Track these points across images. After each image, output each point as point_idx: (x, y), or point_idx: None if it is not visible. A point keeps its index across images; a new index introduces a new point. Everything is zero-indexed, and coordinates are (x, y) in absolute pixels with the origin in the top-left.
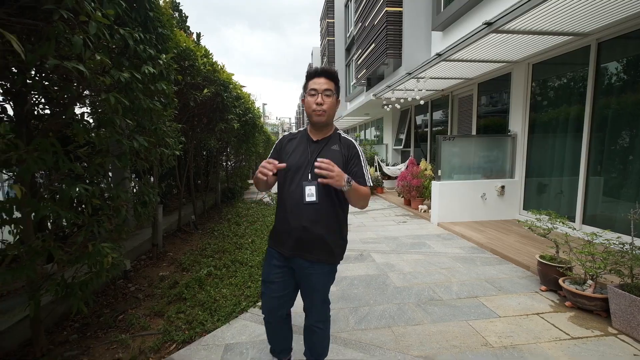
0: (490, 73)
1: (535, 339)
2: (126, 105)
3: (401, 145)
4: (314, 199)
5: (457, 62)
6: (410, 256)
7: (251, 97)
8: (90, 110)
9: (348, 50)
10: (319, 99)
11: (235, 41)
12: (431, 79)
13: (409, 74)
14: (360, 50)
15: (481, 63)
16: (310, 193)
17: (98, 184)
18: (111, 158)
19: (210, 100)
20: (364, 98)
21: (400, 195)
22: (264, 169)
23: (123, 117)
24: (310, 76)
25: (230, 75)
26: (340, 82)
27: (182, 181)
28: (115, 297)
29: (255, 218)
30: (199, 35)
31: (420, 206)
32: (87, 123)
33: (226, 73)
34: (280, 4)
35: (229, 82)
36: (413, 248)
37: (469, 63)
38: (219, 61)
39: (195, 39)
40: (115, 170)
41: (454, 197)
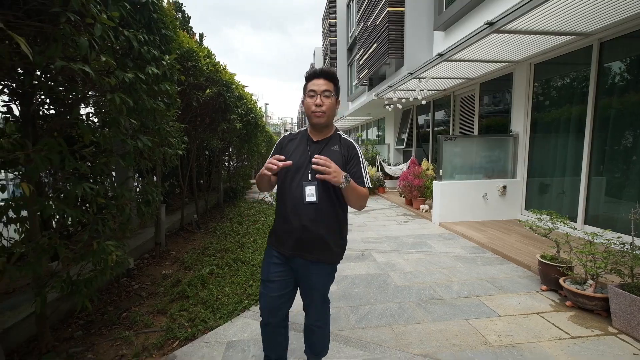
0: (492, 73)
1: (535, 338)
2: (130, 106)
3: (403, 145)
4: (314, 199)
5: (459, 62)
6: (411, 256)
7: (253, 97)
8: (94, 111)
9: (350, 50)
10: (318, 100)
11: (238, 41)
12: (433, 79)
13: (411, 74)
14: (362, 50)
15: (483, 63)
16: (311, 193)
17: (102, 183)
18: (115, 157)
19: (213, 101)
20: (366, 98)
21: (402, 195)
22: (270, 164)
23: (127, 117)
24: (309, 77)
25: (233, 75)
26: (340, 82)
27: (185, 181)
28: (118, 295)
29: (257, 217)
30: (202, 36)
31: (421, 206)
32: (93, 123)
33: (228, 73)
34: (282, 4)
35: (231, 83)
36: (414, 248)
37: (471, 63)
38: (221, 61)
39: (198, 39)
40: (118, 170)
41: (455, 197)
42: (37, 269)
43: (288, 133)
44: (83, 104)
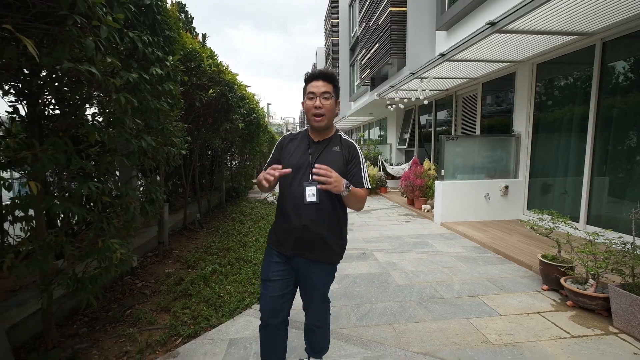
0: (495, 73)
1: (536, 337)
2: (135, 106)
3: (405, 145)
4: (314, 199)
5: (461, 62)
6: (413, 255)
7: (255, 97)
8: (98, 111)
9: (352, 50)
10: (318, 102)
11: (240, 41)
12: (435, 78)
13: (413, 74)
14: (364, 50)
15: (485, 63)
16: (311, 193)
17: (106, 182)
18: (120, 157)
19: (216, 101)
20: (368, 98)
21: (404, 195)
22: (269, 175)
23: (132, 117)
24: (308, 80)
25: (235, 75)
26: (342, 82)
27: (188, 180)
28: (122, 293)
29: (259, 217)
30: (205, 37)
31: (423, 206)
32: (98, 123)
33: (231, 74)
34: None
35: (234, 83)
36: (415, 247)
37: (473, 63)
38: (223, 62)
39: (200, 40)
40: (122, 169)
41: (457, 197)
42: (44, 266)
43: (289, 133)
44: (87, 104)
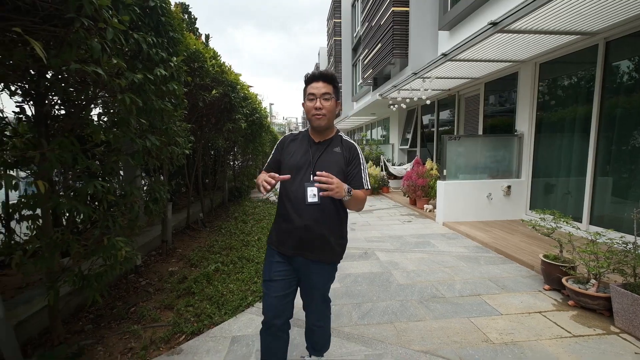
0: (497, 72)
1: (537, 336)
2: (140, 106)
3: (407, 145)
4: (315, 200)
5: (463, 62)
6: (414, 255)
7: (258, 97)
8: (103, 111)
9: (355, 50)
10: (318, 104)
11: (243, 42)
12: (437, 78)
13: (415, 73)
14: (366, 50)
15: (487, 63)
16: (313, 194)
17: (111, 181)
18: (125, 156)
19: (219, 101)
20: (370, 98)
21: (406, 195)
22: (266, 183)
23: (137, 117)
24: (308, 81)
25: (238, 75)
26: (344, 82)
27: (191, 180)
28: (127, 291)
29: (262, 216)
30: (208, 37)
31: (425, 206)
32: (104, 123)
33: (234, 74)
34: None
35: (237, 83)
36: (417, 247)
37: (475, 63)
38: (226, 62)
39: (204, 40)
40: (126, 168)
41: (459, 197)
42: (51, 263)
43: (289, 133)
44: (92, 105)
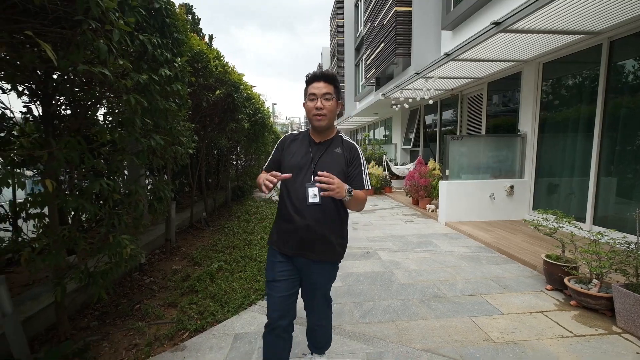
0: (500, 72)
1: (538, 335)
2: (145, 106)
3: (410, 145)
4: (317, 200)
5: (466, 62)
6: (416, 254)
7: (261, 97)
8: (108, 111)
9: (357, 49)
10: (319, 104)
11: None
12: (440, 78)
13: (418, 73)
14: (369, 49)
15: (490, 62)
16: (314, 194)
17: (117, 180)
18: (130, 156)
19: (222, 101)
20: (373, 98)
21: (408, 195)
22: (268, 182)
23: (142, 117)
24: (309, 81)
25: (241, 76)
26: (347, 82)
27: (194, 179)
28: (131, 289)
29: (264, 215)
30: (211, 38)
31: (427, 206)
32: (109, 123)
33: (237, 74)
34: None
35: (240, 83)
36: (419, 247)
37: (478, 62)
38: (230, 62)
39: (207, 41)
40: (131, 168)
41: (461, 197)
42: (59, 259)
43: (289, 133)
44: (98, 105)
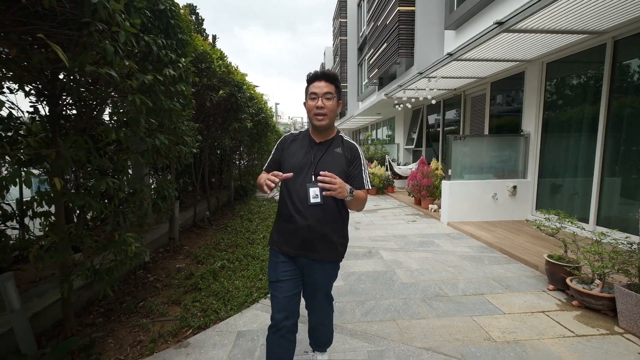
0: (503, 72)
1: (539, 335)
2: (149, 106)
3: (413, 145)
4: (318, 200)
5: (469, 62)
6: (418, 254)
7: (264, 97)
8: (112, 111)
9: (360, 49)
10: (320, 103)
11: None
12: (443, 78)
13: (420, 73)
14: (372, 49)
15: (493, 62)
16: (315, 194)
17: (121, 179)
18: (135, 155)
19: (225, 101)
20: (376, 97)
21: (411, 195)
22: (270, 182)
23: (146, 117)
24: (310, 80)
25: (244, 76)
26: (350, 82)
27: (198, 179)
28: (135, 286)
29: (267, 215)
30: (215, 38)
31: (430, 205)
32: (115, 122)
33: (240, 74)
34: (293, 4)
35: (243, 83)
36: (421, 246)
37: (481, 62)
38: (233, 62)
39: (211, 41)
40: (135, 167)
41: (464, 197)
42: (66, 256)
43: (289, 133)
44: (103, 105)
